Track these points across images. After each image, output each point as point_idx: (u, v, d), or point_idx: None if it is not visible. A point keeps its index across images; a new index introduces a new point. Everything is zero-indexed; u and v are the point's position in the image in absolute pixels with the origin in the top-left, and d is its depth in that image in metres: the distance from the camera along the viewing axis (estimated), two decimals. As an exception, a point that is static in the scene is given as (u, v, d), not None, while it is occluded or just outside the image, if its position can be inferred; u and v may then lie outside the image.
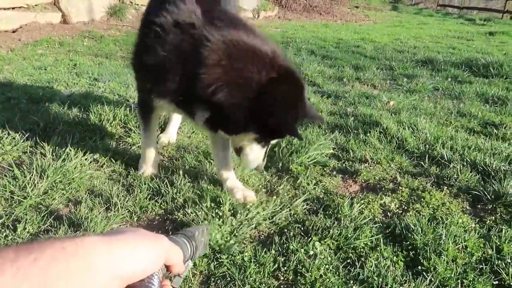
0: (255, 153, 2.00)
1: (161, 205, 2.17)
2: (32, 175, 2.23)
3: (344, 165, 2.74)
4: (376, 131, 3.25)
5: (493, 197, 2.34)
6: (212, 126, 1.94)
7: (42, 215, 1.97)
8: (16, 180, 2.21)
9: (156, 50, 1.85)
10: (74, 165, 2.39)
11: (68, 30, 7.74)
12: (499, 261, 1.82)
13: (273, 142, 2.09)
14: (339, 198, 2.28)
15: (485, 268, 1.79)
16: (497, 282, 1.72)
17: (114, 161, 2.57)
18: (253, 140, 1.94)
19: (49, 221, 1.94)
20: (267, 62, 1.77)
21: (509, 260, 1.83)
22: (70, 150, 2.51)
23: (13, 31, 6.93)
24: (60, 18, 8.11)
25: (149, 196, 2.23)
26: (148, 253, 0.67)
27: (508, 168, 2.64)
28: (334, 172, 2.65)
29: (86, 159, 2.50)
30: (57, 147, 2.59)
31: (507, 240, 1.96)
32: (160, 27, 1.85)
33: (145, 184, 2.31)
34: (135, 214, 2.09)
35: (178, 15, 1.84)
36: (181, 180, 2.36)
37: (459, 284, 1.69)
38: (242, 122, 1.79)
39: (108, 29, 8.46)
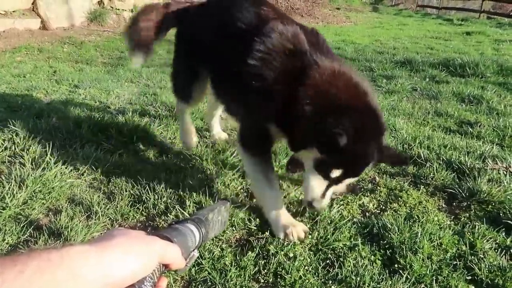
0: (315, 180, 1.83)
1: (143, 212, 2.18)
2: (11, 185, 2.22)
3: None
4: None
5: (467, 194, 2.42)
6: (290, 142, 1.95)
7: (21, 226, 1.96)
8: (-5, 190, 2.19)
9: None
10: (54, 174, 2.38)
11: (47, 36, 7.65)
12: (472, 257, 1.89)
13: (338, 187, 1.87)
14: (319, 200, 2.32)
15: (459, 264, 1.86)
16: (470, 277, 1.78)
17: (95, 169, 2.56)
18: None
19: (28, 231, 1.94)
20: (361, 99, 1.80)
21: (481, 256, 1.90)
22: (50, 159, 2.50)
23: (-9, 38, 6.84)
24: (39, 24, 8.01)
25: (131, 203, 2.24)
26: (138, 258, 0.67)
27: (482, 166, 2.72)
28: (315, 174, 2.69)
29: (66, 168, 2.49)
30: (36, 156, 2.57)
31: (480, 236, 2.03)
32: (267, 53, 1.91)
33: (126, 191, 2.32)
34: (116, 222, 2.09)
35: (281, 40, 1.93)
36: (163, 186, 2.37)
37: (434, 281, 1.74)
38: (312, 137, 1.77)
39: (88, 35, 8.39)
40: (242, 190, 2.45)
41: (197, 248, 0.89)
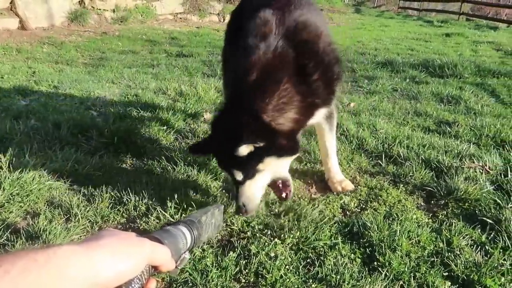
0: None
1: (123, 214, 2.16)
2: (-13, 188, 2.17)
3: (306, 167, 2.81)
4: (337, 132, 3.34)
5: (445, 192, 2.47)
6: None
7: (-2, 229, 1.93)
8: (-30, 194, 2.15)
9: None
10: (32, 176, 2.34)
11: (26, 36, 7.51)
12: (449, 253, 1.93)
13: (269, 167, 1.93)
14: (300, 200, 2.34)
15: (436, 260, 1.89)
16: (446, 273, 1.82)
17: (74, 171, 2.53)
18: None
19: (5, 235, 1.90)
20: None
21: (458, 252, 1.94)
22: (28, 161, 2.46)
23: (-33, 38, 6.68)
24: (18, 24, 7.86)
25: (111, 205, 2.22)
26: (126, 259, 0.67)
27: (459, 165, 2.79)
28: (296, 174, 2.71)
29: (45, 170, 2.45)
30: (14, 159, 2.52)
31: (456, 233, 2.08)
32: None
33: (106, 193, 2.29)
34: (96, 224, 2.07)
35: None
36: (144, 187, 2.36)
37: (412, 277, 1.77)
38: None
39: (69, 35, 8.27)
40: (223, 191, 2.45)
41: (188, 250, 0.89)
